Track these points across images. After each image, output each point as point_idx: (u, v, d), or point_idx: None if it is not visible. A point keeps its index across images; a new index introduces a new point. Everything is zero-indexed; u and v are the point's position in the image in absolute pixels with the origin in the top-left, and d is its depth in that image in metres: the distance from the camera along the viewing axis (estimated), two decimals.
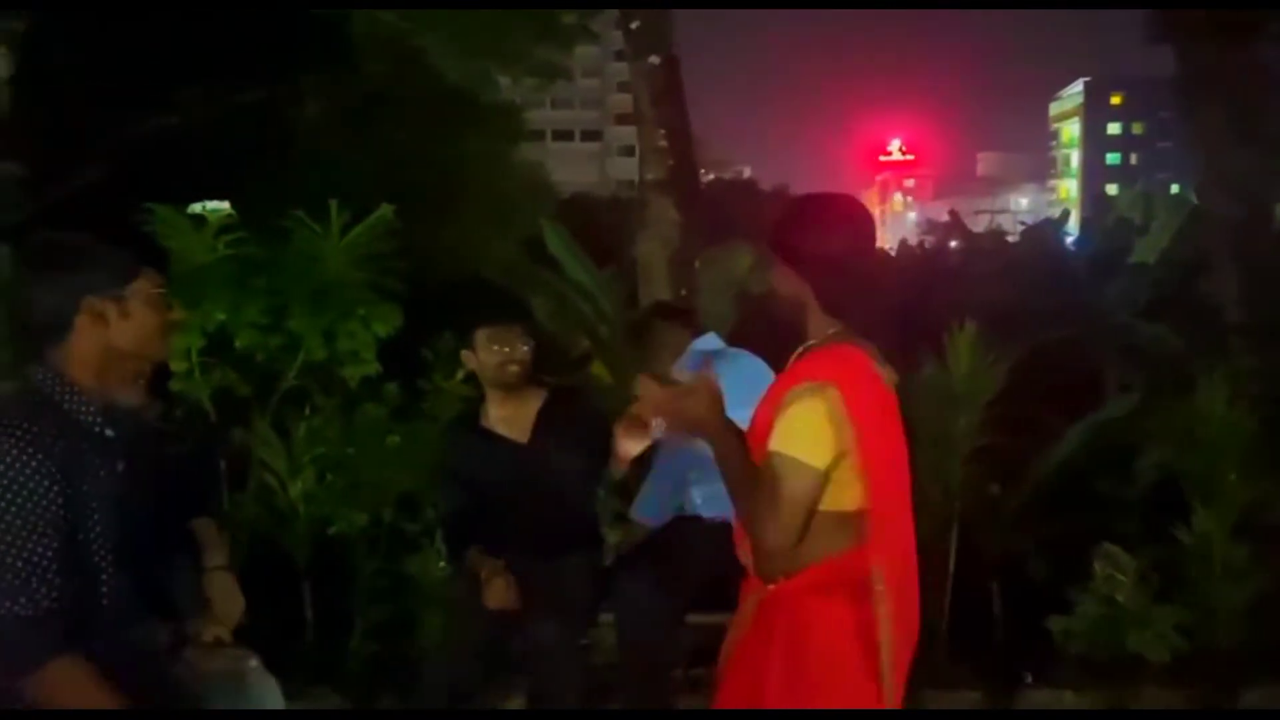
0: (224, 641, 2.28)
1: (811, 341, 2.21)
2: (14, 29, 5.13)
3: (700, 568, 3.21)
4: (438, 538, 4.09)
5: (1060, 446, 4.78)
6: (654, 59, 5.11)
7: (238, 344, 3.98)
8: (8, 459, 1.80)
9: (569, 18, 7.12)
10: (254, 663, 2.30)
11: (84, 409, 1.96)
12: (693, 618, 3.37)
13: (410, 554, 4.11)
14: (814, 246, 2.16)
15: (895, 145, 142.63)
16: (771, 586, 2.20)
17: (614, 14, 6.02)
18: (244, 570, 4.02)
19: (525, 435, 3.31)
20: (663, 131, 5.10)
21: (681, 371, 2.32)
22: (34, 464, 1.82)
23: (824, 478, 2.08)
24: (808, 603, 2.15)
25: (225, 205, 4.01)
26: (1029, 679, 4.12)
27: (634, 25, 5.20)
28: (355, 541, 4.07)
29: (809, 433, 2.07)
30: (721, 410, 2.14)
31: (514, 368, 3.26)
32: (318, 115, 9.15)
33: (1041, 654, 4.16)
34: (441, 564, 4.06)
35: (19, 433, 1.83)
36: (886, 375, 2.21)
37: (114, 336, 1.98)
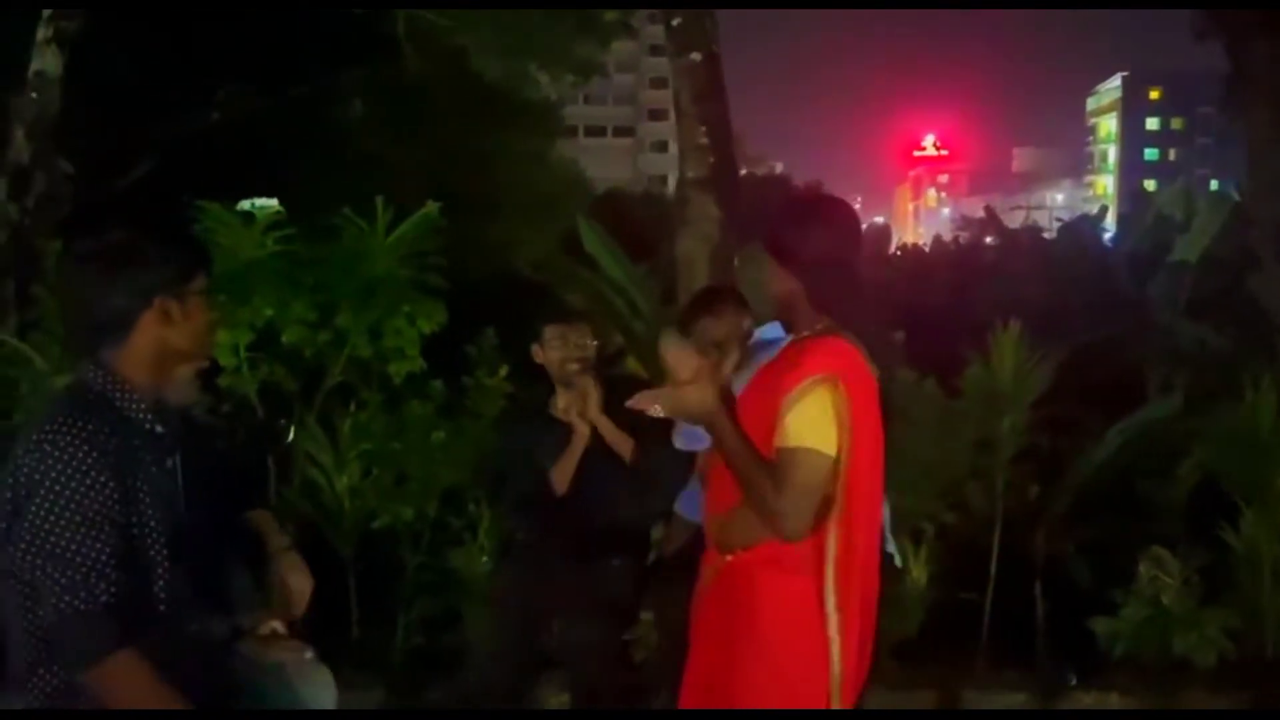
0: (279, 634, 2.30)
1: (803, 334, 2.33)
2: (66, 29, 5.19)
3: None
4: (481, 532, 4.12)
5: (1102, 447, 4.74)
6: (695, 56, 5.10)
7: (285, 340, 4.03)
8: (65, 456, 1.80)
9: (610, 15, 7.13)
10: (309, 654, 2.32)
11: (136, 406, 1.96)
12: None
13: (454, 548, 4.15)
14: (803, 246, 2.30)
15: (929, 141, 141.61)
16: (729, 558, 2.36)
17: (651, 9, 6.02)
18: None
19: (585, 427, 3.40)
20: (703, 128, 5.09)
21: (680, 352, 2.31)
22: (90, 460, 1.81)
23: (835, 464, 2.21)
24: (761, 575, 2.30)
25: (273, 203, 4.05)
26: (1073, 681, 4.09)
27: (675, 22, 5.19)
28: (400, 536, 4.12)
29: (824, 423, 2.19)
30: (719, 400, 2.23)
31: (574, 365, 3.38)
32: (361, 113, 9.23)
33: (1085, 656, 4.14)
34: (484, 559, 4.09)
35: (75, 429, 1.83)
36: (874, 371, 2.32)
37: (174, 335, 1.97)
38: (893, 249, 28.83)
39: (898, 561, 3.11)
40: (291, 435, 3.98)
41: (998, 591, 4.30)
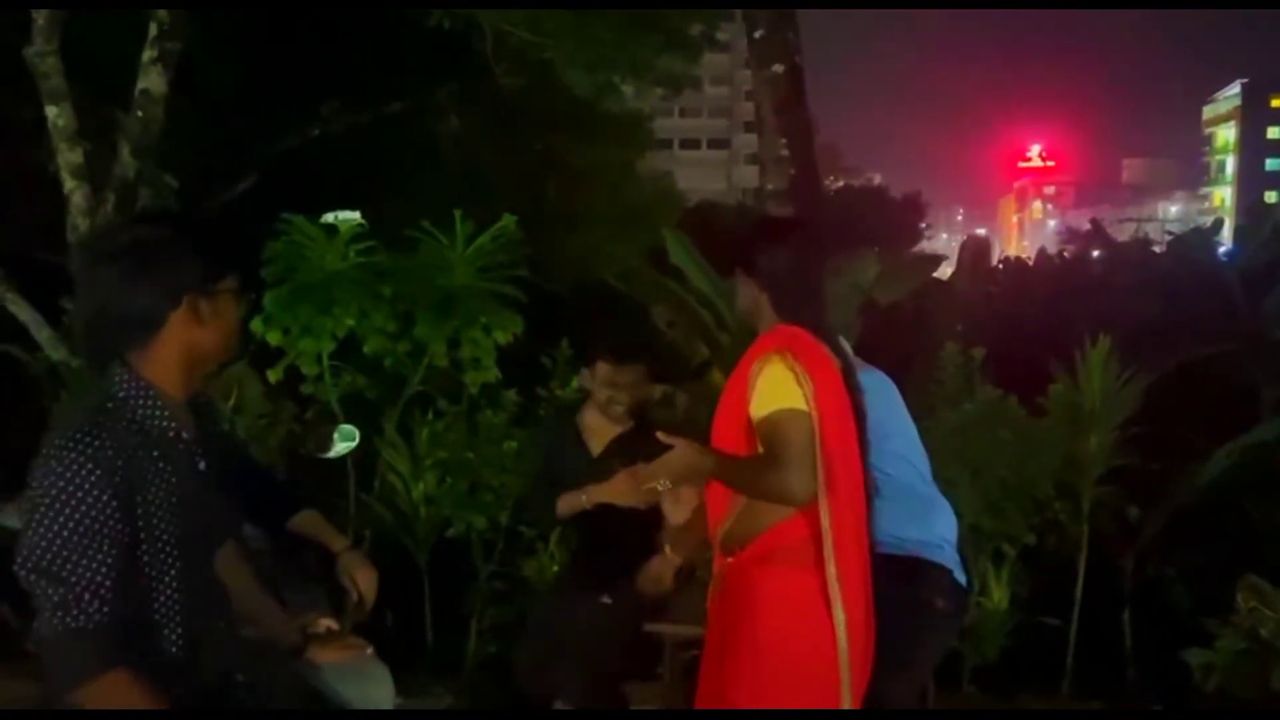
0: (337, 632, 2.34)
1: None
2: (170, 50, 5.41)
3: None
4: (551, 542, 4.15)
5: (1206, 469, 4.53)
6: (777, 68, 5.08)
7: (366, 350, 4.11)
8: (68, 474, 1.75)
9: (696, 28, 7.14)
10: (369, 650, 2.35)
11: (159, 414, 1.88)
12: None
13: (526, 558, 4.18)
14: (765, 260, 2.54)
15: (1035, 151, 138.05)
16: (730, 560, 2.52)
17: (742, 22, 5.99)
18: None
19: (597, 449, 3.47)
20: (784, 140, 5.06)
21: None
22: (93, 479, 1.75)
23: (812, 418, 2.36)
24: (756, 571, 2.45)
25: (355, 215, 4.14)
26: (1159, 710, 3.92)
27: (757, 34, 5.17)
28: (473, 544, 4.16)
29: (786, 386, 2.38)
30: (702, 452, 2.41)
31: (619, 408, 3.46)
32: (455, 128, 9.40)
33: (1175, 687, 3.95)
34: (555, 568, 4.11)
35: (81, 446, 1.77)
36: (838, 361, 2.52)
37: (204, 335, 1.89)
38: (995, 262, 28.15)
39: (962, 580, 3.00)
40: (353, 444, 4.03)
41: (1084, 617, 4.15)
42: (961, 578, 3.01)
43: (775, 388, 2.38)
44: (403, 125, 9.29)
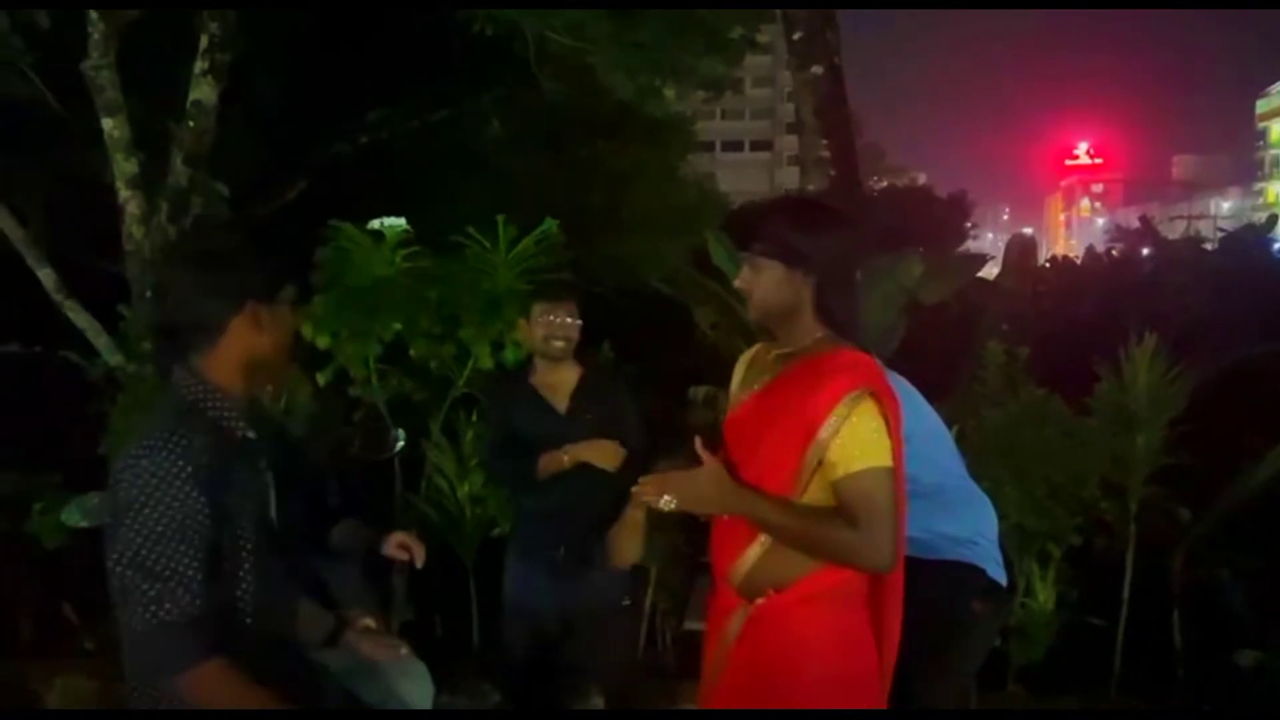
0: (374, 630, 2.40)
1: (803, 345, 2.16)
2: (221, 61, 5.53)
3: None
4: None
5: (1259, 469, 4.46)
6: (817, 69, 5.08)
7: (413, 353, 4.18)
8: (161, 471, 1.81)
9: (736, 31, 7.15)
10: (404, 649, 2.41)
11: (229, 414, 1.95)
12: None
13: None
14: (817, 250, 2.12)
15: (1082, 149, 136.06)
16: (760, 602, 2.17)
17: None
18: (414, 567, 4.26)
19: (563, 406, 3.40)
20: (825, 141, 5.07)
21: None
22: (184, 476, 1.82)
23: (895, 474, 2.09)
24: (804, 612, 2.14)
25: (401, 222, 4.22)
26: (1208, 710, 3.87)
27: (796, 36, 5.18)
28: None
29: (880, 438, 2.07)
30: (737, 492, 2.08)
31: (559, 342, 3.37)
32: (499, 134, 9.48)
33: (1226, 688, 3.90)
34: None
35: (170, 444, 1.82)
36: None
37: (262, 342, 1.96)
38: (1042, 261, 27.76)
39: (1000, 578, 2.98)
40: (401, 445, 4.10)
41: (1132, 618, 4.10)
42: (1000, 576, 2.99)
43: (867, 440, 2.05)
44: (448, 132, 9.38)
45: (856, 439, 2.05)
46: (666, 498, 2.09)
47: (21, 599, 4.48)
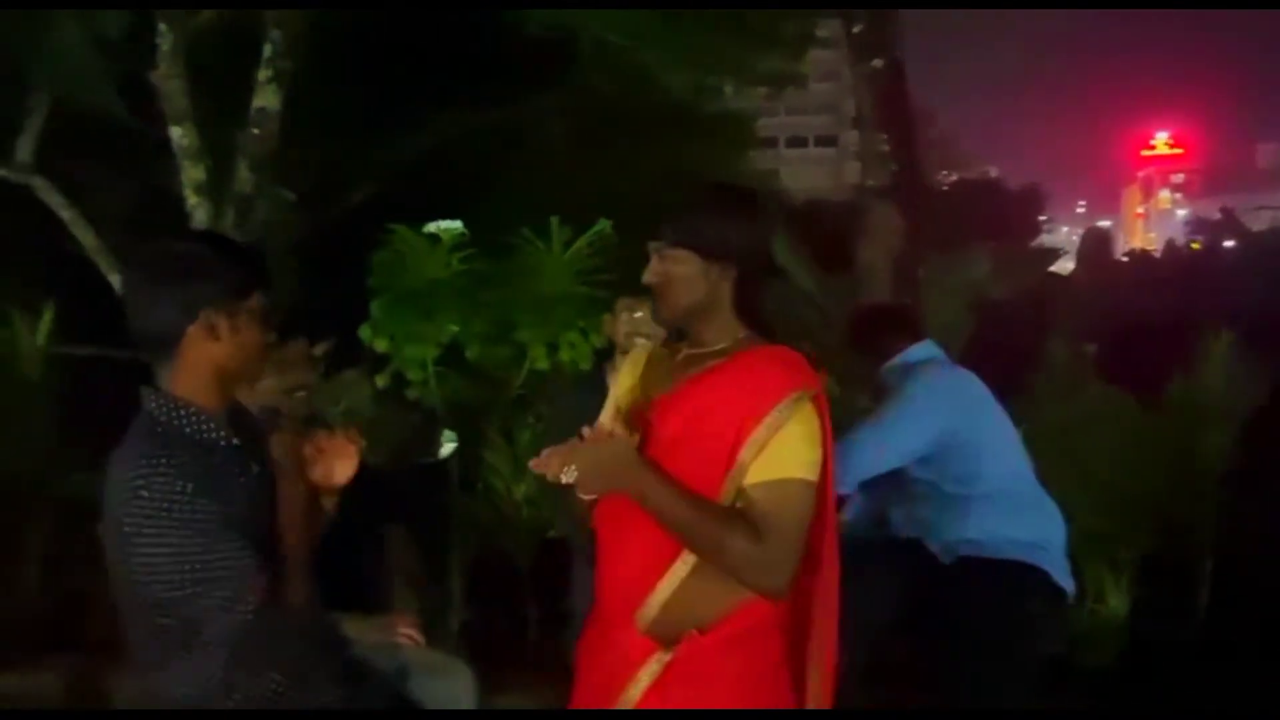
0: (404, 630, 2.42)
1: (723, 345, 1.96)
2: (284, 68, 5.63)
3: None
4: None
5: None
6: (876, 62, 5.00)
7: (469, 355, 4.20)
8: (163, 494, 1.78)
9: (794, 25, 7.07)
10: (436, 655, 2.43)
11: (205, 426, 1.90)
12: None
13: None
14: (740, 242, 1.93)
15: (1161, 138, 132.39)
16: (680, 647, 1.87)
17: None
18: (472, 568, 4.29)
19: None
20: (885, 136, 4.98)
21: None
22: (188, 489, 1.79)
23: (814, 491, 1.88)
24: (731, 662, 1.88)
25: (457, 224, 4.24)
26: None
27: (856, 29, 5.10)
28: (573, 546, 4.20)
29: (811, 447, 1.87)
30: (632, 462, 1.83)
31: (641, 340, 3.28)
32: (558, 134, 9.50)
33: None
34: None
35: (155, 468, 1.79)
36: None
37: (221, 352, 1.89)
38: (1119, 254, 27.11)
39: (1065, 585, 2.90)
40: (454, 446, 4.11)
41: (1209, 626, 3.96)
42: (1067, 583, 2.92)
43: (796, 448, 1.85)
44: (508, 133, 9.43)
45: (788, 444, 1.85)
46: (569, 467, 1.80)
47: (94, 596, 4.60)
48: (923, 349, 3.19)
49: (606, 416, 1.92)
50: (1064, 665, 3.76)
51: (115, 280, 5.82)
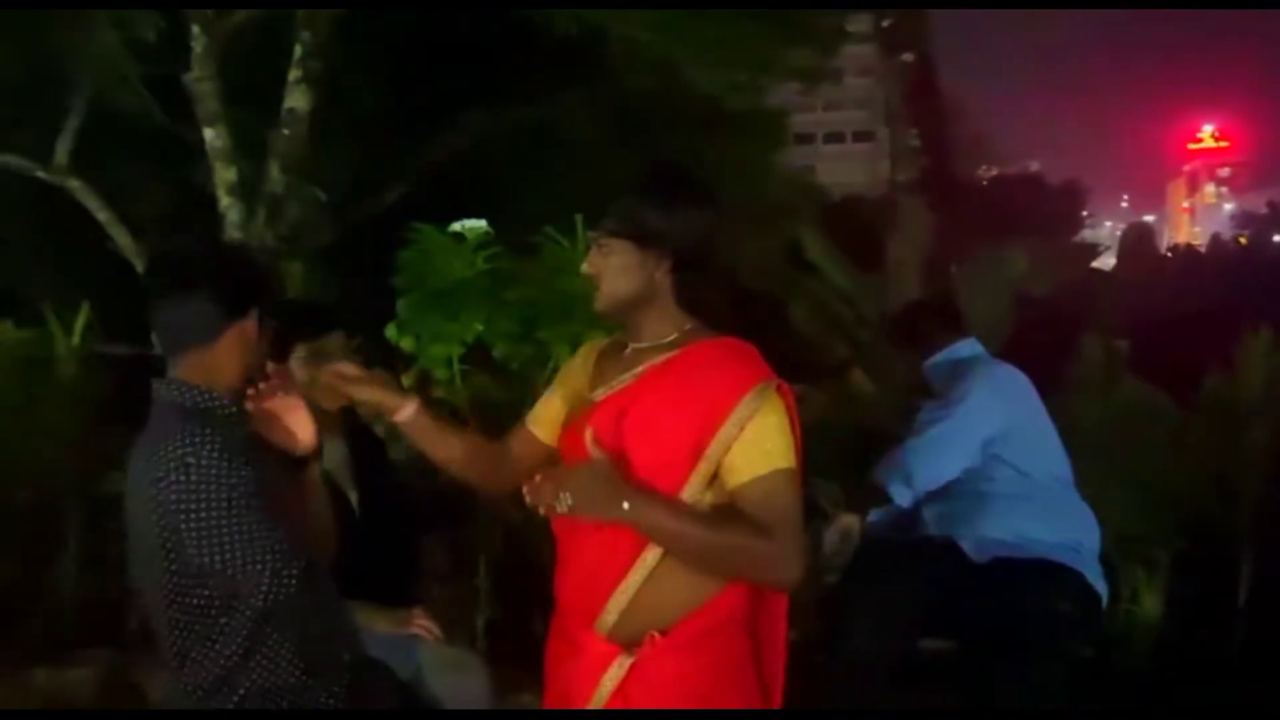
0: (430, 630, 2.42)
1: (669, 338, 1.90)
2: (314, 69, 5.67)
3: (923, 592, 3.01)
4: None
5: None
6: (906, 56, 4.94)
7: (494, 353, 4.20)
8: (208, 464, 1.85)
9: (825, 20, 7.01)
10: (455, 649, 2.45)
11: (227, 407, 2.00)
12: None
13: None
14: (682, 231, 1.84)
15: (1207, 131, 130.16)
16: (641, 651, 1.83)
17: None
18: (497, 564, 4.29)
19: None
20: (915, 130, 4.92)
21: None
22: (226, 460, 1.86)
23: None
24: (693, 662, 1.83)
25: (482, 223, 4.23)
26: None
27: (885, 23, 5.04)
28: None
29: (784, 437, 1.81)
30: (621, 487, 1.76)
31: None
32: (586, 132, 9.51)
33: None
34: None
35: (200, 444, 1.86)
36: None
37: (250, 356, 2.04)
38: (1164, 250, 26.68)
39: (1099, 587, 2.85)
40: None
41: (1249, 628, 3.87)
42: (1100, 586, 2.87)
43: (773, 439, 1.80)
44: (538, 132, 9.45)
45: (762, 439, 1.79)
46: (563, 495, 1.75)
47: (129, 593, 4.66)
48: (968, 345, 3.16)
49: (588, 437, 1.84)
50: (1097, 667, 3.70)
51: None
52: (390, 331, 4.14)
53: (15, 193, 7.24)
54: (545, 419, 2.11)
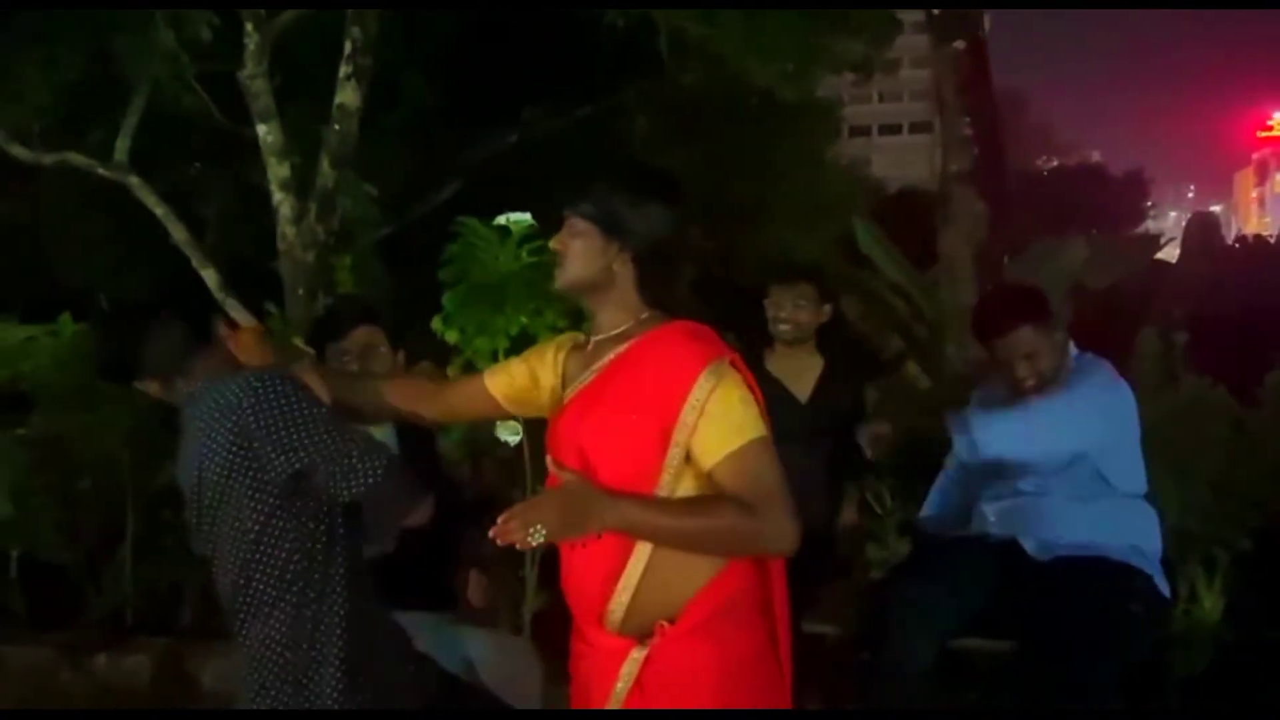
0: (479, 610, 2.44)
1: (626, 327, 1.91)
2: (364, 65, 5.72)
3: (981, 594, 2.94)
4: None
5: None
6: (958, 44, 4.84)
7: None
8: (283, 391, 2.01)
9: (877, 12, 6.91)
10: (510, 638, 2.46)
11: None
12: (969, 642, 3.11)
13: None
14: (644, 220, 1.87)
15: (1277, 119, 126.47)
16: (653, 641, 1.83)
17: None
18: (543, 560, 4.30)
19: (804, 395, 3.36)
20: (967, 120, 4.83)
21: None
22: (303, 392, 2.03)
23: None
24: (705, 648, 1.83)
25: (527, 216, 4.22)
26: None
27: (937, 10, 4.95)
28: None
29: (748, 409, 1.82)
30: (597, 500, 1.77)
31: (784, 326, 3.35)
32: (642, 128, 9.52)
33: None
34: None
35: (276, 373, 2.04)
36: None
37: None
38: (1230, 241, 25.95)
39: (1164, 590, 2.77)
40: (518, 437, 4.12)
41: None
42: (1164, 588, 2.80)
43: (736, 412, 1.80)
44: (592, 128, 9.48)
45: (727, 414, 1.80)
46: (534, 528, 1.72)
47: (185, 582, 4.75)
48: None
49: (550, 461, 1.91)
50: (1155, 669, 3.61)
51: (207, 274, 6.02)
52: (436, 324, 4.16)
53: (74, 189, 7.44)
54: (502, 382, 2.15)
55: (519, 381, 2.11)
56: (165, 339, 2.16)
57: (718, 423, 1.80)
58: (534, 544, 1.74)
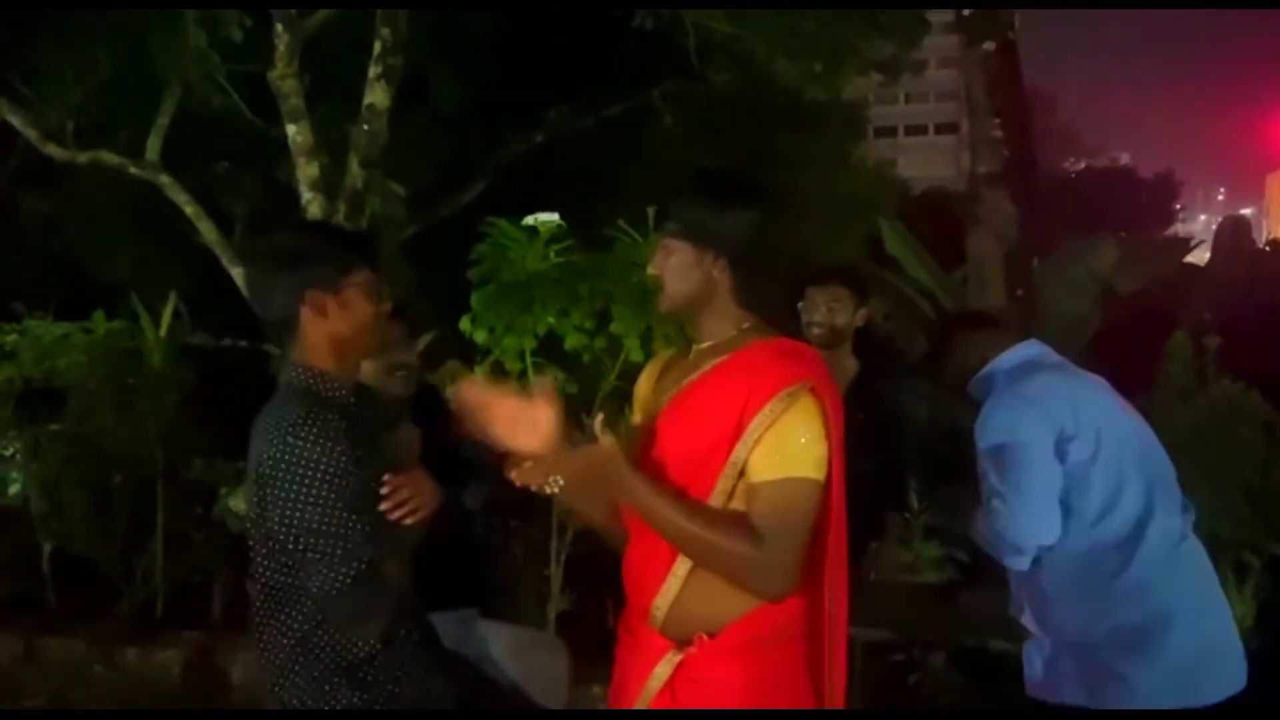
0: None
1: (728, 336, 1.93)
2: (394, 66, 5.75)
3: None
4: None
5: None
6: (988, 45, 4.82)
7: (566, 346, 4.22)
8: (310, 447, 1.90)
9: (907, 12, 6.88)
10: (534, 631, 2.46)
11: (339, 390, 2.06)
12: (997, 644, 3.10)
13: None
14: (736, 229, 1.88)
15: None
16: (691, 649, 1.84)
17: None
18: (568, 559, 4.31)
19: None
20: (997, 121, 4.80)
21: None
22: (340, 447, 1.92)
23: (824, 492, 1.80)
24: (739, 671, 1.82)
25: (555, 216, 4.25)
26: None
27: (967, 11, 4.93)
28: None
29: (814, 443, 1.79)
30: (619, 469, 1.77)
31: (816, 329, 3.34)
32: (668, 128, 9.52)
33: None
34: None
35: (307, 422, 1.92)
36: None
37: (335, 326, 2.04)
38: (1262, 244, 25.64)
39: None
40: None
41: None
42: None
43: (797, 445, 1.78)
44: (619, 128, 9.49)
45: (785, 441, 1.78)
46: (554, 477, 1.78)
47: (215, 577, 4.80)
48: (1024, 350, 2.85)
49: (598, 423, 1.86)
50: None
51: (236, 273, 6.06)
52: (464, 324, 4.18)
53: (106, 188, 7.51)
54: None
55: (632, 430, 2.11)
56: (269, 296, 2.08)
57: (773, 447, 1.79)
58: (550, 491, 1.78)
